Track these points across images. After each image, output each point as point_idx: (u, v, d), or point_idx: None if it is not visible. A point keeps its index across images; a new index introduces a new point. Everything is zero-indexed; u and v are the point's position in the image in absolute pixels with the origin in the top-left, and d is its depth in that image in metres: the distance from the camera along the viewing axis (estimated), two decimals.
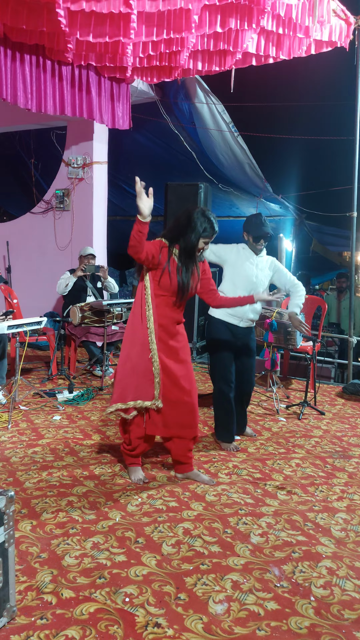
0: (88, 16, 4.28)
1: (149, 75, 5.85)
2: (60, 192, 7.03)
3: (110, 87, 5.94)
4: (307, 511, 2.88)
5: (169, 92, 7.01)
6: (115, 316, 5.53)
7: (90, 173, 6.82)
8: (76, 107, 5.62)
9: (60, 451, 3.56)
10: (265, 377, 5.74)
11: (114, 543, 2.46)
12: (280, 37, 5.03)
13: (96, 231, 6.96)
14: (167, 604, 2.05)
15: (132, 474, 3.17)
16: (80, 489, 3.00)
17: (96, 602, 2.04)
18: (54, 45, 4.97)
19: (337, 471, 3.45)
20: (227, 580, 2.22)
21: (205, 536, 2.56)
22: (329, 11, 4.79)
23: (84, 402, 4.71)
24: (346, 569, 2.34)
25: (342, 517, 2.83)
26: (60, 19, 4.20)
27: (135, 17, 4.22)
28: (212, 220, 3.00)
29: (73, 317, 5.42)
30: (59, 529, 2.56)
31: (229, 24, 4.50)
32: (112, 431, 4.00)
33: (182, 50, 5.02)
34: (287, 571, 2.31)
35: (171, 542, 2.49)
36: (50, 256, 7.25)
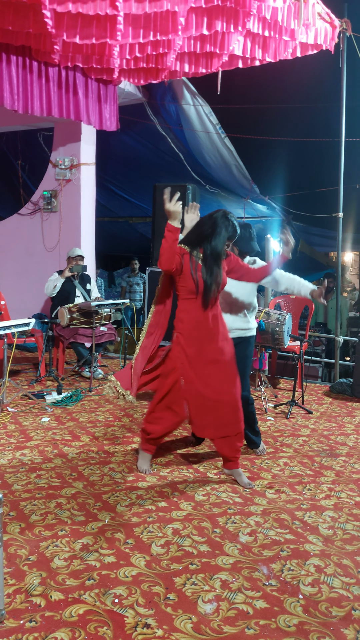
0: (74, 18, 4.29)
1: (136, 77, 5.86)
2: (48, 193, 7.02)
3: (97, 89, 5.94)
4: (295, 510, 2.90)
5: (156, 93, 7.03)
6: (103, 317, 5.53)
7: (78, 174, 6.81)
8: (63, 109, 5.62)
9: (49, 453, 3.56)
10: (254, 376, 5.77)
11: (103, 544, 2.47)
12: (266, 39, 5.07)
13: (84, 232, 6.95)
14: (157, 605, 2.06)
15: (141, 460, 3.32)
16: (69, 491, 3.00)
17: (85, 603, 2.05)
18: (40, 47, 4.96)
19: (325, 469, 3.48)
20: (216, 580, 2.23)
21: (195, 536, 2.57)
22: (314, 14, 4.84)
23: (72, 404, 4.70)
24: (334, 567, 2.37)
25: (330, 515, 2.86)
26: (46, 20, 4.20)
27: (121, 18, 4.23)
28: (234, 222, 3.06)
29: (61, 318, 5.41)
30: (48, 531, 2.56)
31: (215, 26, 4.53)
32: (101, 432, 4.00)
33: (169, 52, 5.04)
34: (275, 570, 2.33)
35: (160, 542, 2.50)
36: (38, 257, 7.22)
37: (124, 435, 3.97)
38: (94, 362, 5.54)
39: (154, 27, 4.48)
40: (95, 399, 4.93)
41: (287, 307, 6.22)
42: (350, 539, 2.62)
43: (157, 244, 6.80)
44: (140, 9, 4.12)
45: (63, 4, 3.99)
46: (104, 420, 4.32)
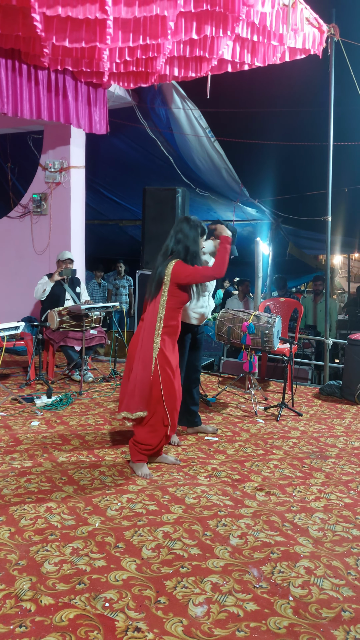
0: (64, 21, 4.29)
1: (126, 81, 5.88)
2: (38, 196, 7.00)
3: (87, 92, 5.95)
4: (286, 512, 2.91)
5: (146, 97, 7.05)
6: (93, 320, 5.52)
7: (68, 177, 6.80)
8: (53, 112, 5.62)
9: (39, 457, 3.54)
10: (244, 379, 5.78)
11: (93, 548, 2.46)
12: (255, 44, 5.10)
13: (74, 235, 6.94)
14: (147, 608, 2.06)
15: (139, 468, 3.36)
16: (59, 495, 2.99)
17: (76, 608, 2.04)
18: (30, 50, 4.95)
19: (315, 471, 3.50)
20: (206, 583, 2.23)
21: (185, 539, 2.57)
22: (302, 19, 4.88)
23: (62, 407, 4.68)
24: (324, 568, 2.38)
25: (320, 517, 2.87)
26: (35, 23, 4.20)
27: (111, 22, 4.24)
28: (197, 221, 3.36)
29: (51, 321, 5.39)
30: (38, 536, 2.55)
31: (204, 30, 4.55)
32: (91, 436, 3.99)
33: (159, 56, 5.06)
34: (266, 572, 2.33)
35: (151, 545, 2.50)
36: (27, 260, 7.20)
37: (115, 438, 3.96)
38: (84, 366, 5.53)
39: (143, 31, 4.49)
40: (86, 402, 4.92)
41: (276, 309, 6.25)
42: (339, 540, 2.63)
43: (147, 246, 6.81)
44: (130, 13, 4.13)
45: (52, 7, 3.99)
46: (94, 423, 4.31)
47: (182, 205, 6.64)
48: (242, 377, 5.87)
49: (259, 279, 6.88)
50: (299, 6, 4.75)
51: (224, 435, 4.17)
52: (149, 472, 3.33)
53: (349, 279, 14.16)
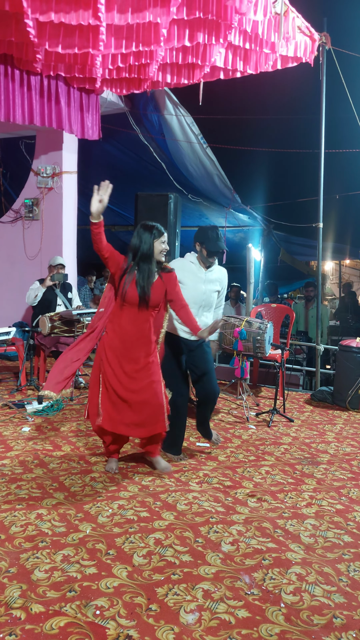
0: (57, 27, 4.30)
1: (119, 87, 5.89)
2: (30, 201, 6.98)
3: (79, 98, 5.96)
4: (277, 518, 2.91)
5: (139, 103, 7.07)
6: (85, 326, 5.50)
7: (60, 182, 6.80)
8: (45, 117, 5.62)
9: (30, 463, 3.52)
10: (235, 385, 5.79)
11: (84, 555, 2.44)
12: (247, 52, 5.14)
13: (66, 240, 6.93)
14: (139, 616, 2.04)
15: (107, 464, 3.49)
16: (50, 502, 2.97)
17: (66, 616, 2.02)
18: (22, 55, 4.96)
19: (306, 477, 3.50)
20: (198, 590, 2.22)
21: (177, 546, 2.56)
22: (294, 28, 4.93)
23: (53, 413, 4.66)
24: (315, 575, 2.38)
25: (311, 523, 2.87)
26: (28, 29, 4.21)
27: (104, 29, 4.26)
28: (154, 225, 3.24)
29: (42, 326, 5.37)
30: (28, 543, 2.53)
31: (197, 38, 4.58)
32: (82, 442, 3.97)
33: (151, 62, 5.08)
34: (257, 578, 2.33)
35: (142, 552, 2.49)
36: (19, 265, 7.17)
37: None
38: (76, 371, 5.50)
39: (136, 38, 4.51)
40: (77, 408, 4.89)
41: (268, 315, 6.27)
42: (331, 546, 2.63)
43: None
44: (123, 19, 4.14)
45: (45, 13, 4.00)
46: (85, 429, 4.28)
47: (174, 211, 6.66)
48: (233, 383, 5.87)
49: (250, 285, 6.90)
50: (290, 15, 4.79)
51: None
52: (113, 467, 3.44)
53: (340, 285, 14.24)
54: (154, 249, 3.17)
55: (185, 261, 3.73)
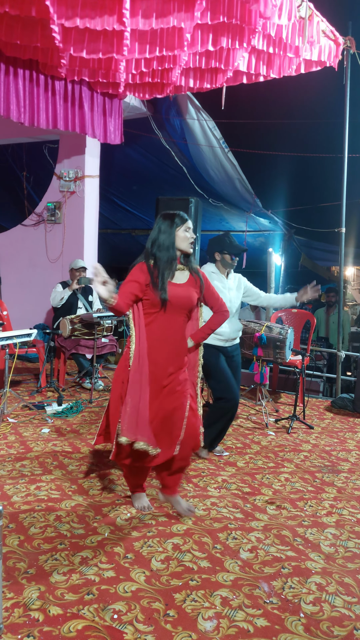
0: (82, 32, 4.34)
1: (141, 92, 5.92)
2: (52, 204, 7.06)
3: (102, 103, 6.00)
4: (297, 526, 2.87)
5: (161, 108, 7.10)
6: (105, 329, 5.53)
7: (82, 186, 6.85)
8: (69, 122, 5.67)
9: (49, 464, 3.53)
10: (255, 390, 5.75)
11: (102, 558, 2.44)
12: (271, 56, 5.12)
13: (87, 244, 6.98)
14: (156, 621, 2.03)
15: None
16: (69, 503, 2.97)
17: (84, 619, 2.02)
18: (47, 61, 5.02)
19: (326, 486, 3.46)
20: (216, 597, 2.20)
21: (195, 551, 2.55)
22: (318, 32, 4.89)
23: (73, 415, 4.68)
24: (335, 585, 2.34)
25: (332, 532, 2.83)
26: (54, 34, 4.25)
27: (128, 34, 4.28)
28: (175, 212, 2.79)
29: (63, 329, 5.41)
30: (47, 544, 2.54)
31: (220, 42, 4.57)
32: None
33: (174, 67, 5.10)
34: (276, 587, 2.30)
35: (160, 557, 2.48)
36: (41, 268, 7.24)
37: None
38: (95, 374, 5.53)
39: (160, 43, 4.53)
40: (96, 410, 4.91)
41: (288, 321, 6.22)
42: (352, 557, 2.59)
43: None
44: (147, 24, 4.16)
45: (71, 19, 4.04)
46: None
47: (194, 216, 6.65)
48: (253, 388, 5.83)
49: (271, 290, 6.86)
50: (315, 19, 4.76)
51: (234, 447, 4.13)
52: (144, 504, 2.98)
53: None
54: (177, 238, 2.73)
55: (207, 272, 3.77)
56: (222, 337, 3.78)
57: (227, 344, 3.83)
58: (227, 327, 3.76)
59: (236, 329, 3.88)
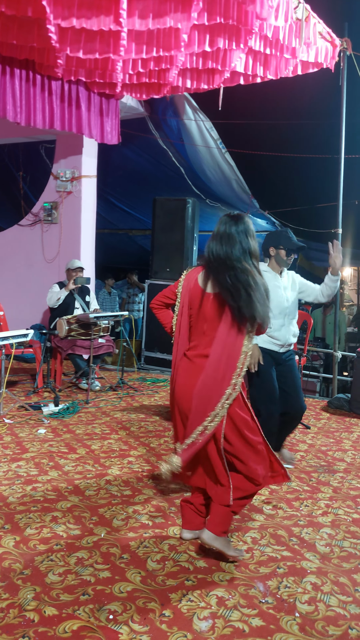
0: (78, 33, 4.34)
1: (138, 92, 5.93)
2: (49, 205, 7.05)
3: (99, 103, 6.00)
4: (293, 526, 2.88)
5: (158, 108, 7.10)
6: (102, 329, 5.53)
7: (79, 186, 6.85)
8: (65, 122, 5.67)
9: (45, 465, 3.53)
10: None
11: (98, 559, 2.44)
12: (268, 57, 5.13)
13: (84, 244, 6.97)
14: (152, 621, 2.03)
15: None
16: (65, 504, 2.97)
17: (79, 619, 2.02)
18: (44, 61, 5.02)
19: (322, 485, 3.46)
20: (212, 597, 2.20)
21: (191, 551, 2.55)
22: (315, 33, 4.90)
23: (69, 416, 4.68)
24: (331, 585, 2.34)
25: (327, 532, 2.83)
26: (50, 34, 4.25)
27: (125, 34, 4.28)
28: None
29: (59, 329, 5.41)
30: (43, 545, 2.53)
31: (217, 43, 4.58)
32: (98, 445, 3.97)
33: (171, 67, 5.10)
34: (272, 587, 2.30)
35: (156, 557, 2.48)
36: (37, 268, 7.24)
37: (121, 448, 3.95)
38: (92, 374, 5.53)
39: (156, 43, 4.53)
40: (92, 411, 4.91)
41: None
42: (347, 556, 2.60)
43: (156, 256, 6.84)
44: (144, 25, 4.17)
45: (67, 19, 4.04)
46: (100, 432, 4.29)
47: (192, 216, 6.67)
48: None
49: None
50: (312, 20, 4.77)
51: None
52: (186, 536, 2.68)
53: (358, 292, 14.09)
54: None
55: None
56: (279, 342, 3.51)
57: (282, 349, 3.56)
58: (283, 331, 3.51)
59: (293, 333, 3.58)
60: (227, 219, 2.47)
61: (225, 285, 2.34)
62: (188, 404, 2.40)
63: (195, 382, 2.39)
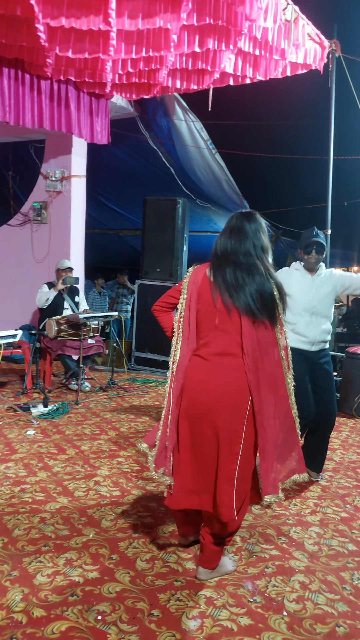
0: (68, 32, 4.33)
1: (128, 92, 5.92)
2: (38, 204, 7.02)
3: (89, 102, 5.99)
4: (281, 525, 2.89)
5: (148, 108, 7.10)
6: (91, 329, 5.51)
7: (69, 186, 6.83)
8: (55, 121, 5.65)
9: (34, 466, 3.52)
10: None
11: (87, 560, 2.43)
12: (257, 58, 5.15)
13: (74, 244, 6.95)
14: (140, 621, 2.03)
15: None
16: (54, 505, 2.96)
17: (68, 620, 2.02)
18: (33, 60, 5.00)
19: (311, 485, 3.48)
20: (200, 596, 2.21)
21: (180, 552, 2.55)
22: (304, 35, 4.93)
23: (59, 416, 4.66)
24: (319, 583, 2.36)
25: (315, 531, 2.85)
26: (39, 34, 4.24)
27: (114, 34, 4.28)
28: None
29: (49, 330, 5.39)
30: (32, 546, 2.52)
31: (207, 44, 4.59)
32: (87, 445, 3.96)
33: (161, 68, 5.10)
34: (260, 586, 2.31)
35: (146, 557, 2.48)
36: (27, 268, 7.20)
37: (110, 448, 3.94)
38: (82, 375, 5.52)
39: (146, 43, 4.54)
40: (82, 411, 4.90)
41: None
42: (335, 555, 2.61)
43: (146, 256, 6.84)
44: (133, 25, 4.16)
45: (56, 18, 4.02)
46: (90, 433, 4.28)
47: (182, 216, 6.68)
48: None
49: None
50: (300, 22, 4.80)
51: None
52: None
53: None
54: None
55: (290, 270, 3.52)
56: (307, 339, 3.39)
57: (312, 347, 3.42)
58: (311, 328, 3.39)
59: (322, 331, 3.43)
60: (239, 215, 2.43)
61: (223, 280, 2.28)
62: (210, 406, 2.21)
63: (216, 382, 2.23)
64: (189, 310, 2.35)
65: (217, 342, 2.28)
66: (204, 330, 2.32)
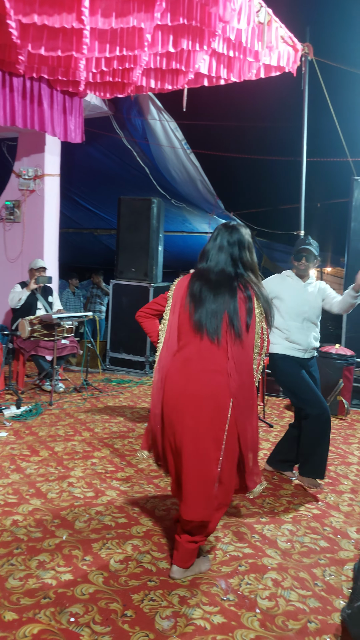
0: (40, 29, 4.28)
1: (102, 90, 5.88)
2: (11, 203, 6.92)
3: (62, 101, 5.93)
4: (255, 523, 2.91)
5: (122, 107, 7.07)
6: (65, 330, 5.47)
7: (42, 185, 6.75)
8: (27, 119, 5.58)
9: (6, 468, 3.47)
10: None
11: (60, 562, 2.41)
12: (231, 59, 5.17)
13: (47, 243, 6.88)
14: (114, 622, 2.02)
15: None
16: (26, 507, 2.93)
17: (40, 623, 2.00)
18: (5, 57, 4.92)
19: (284, 482, 3.52)
20: (174, 596, 2.21)
21: (154, 552, 2.55)
22: (277, 38, 4.97)
23: (32, 418, 4.61)
24: (291, 580, 2.38)
25: (288, 528, 2.88)
26: (11, 30, 4.18)
27: (87, 32, 4.25)
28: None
29: (22, 330, 5.32)
30: (3, 549, 2.49)
31: (181, 44, 4.59)
32: (61, 447, 3.93)
33: (135, 67, 5.08)
34: (233, 584, 2.33)
35: (119, 558, 2.47)
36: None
37: (84, 449, 3.92)
38: (55, 375, 5.46)
39: (120, 42, 4.51)
40: (56, 412, 4.85)
41: None
42: (307, 551, 2.65)
43: (121, 256, 6.81)
44: (107, 23, 4.14)
45: (28, 15, 3.97)
46: (64, 434, 4.25)
47: (157, 216, 6.67)
48: None
49: None
50: (274, 24, 4.84)
51: None
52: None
53: None
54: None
55: (282, 276, 3.61)
56: (300, 347, 3.47)
57: (305, 355, 3.50)
58: (302, 334, 3.46)
59: (313, 338, 3.52)
60: (221, 229, 2.45)
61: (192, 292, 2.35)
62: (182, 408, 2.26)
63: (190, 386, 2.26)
64: (173, 314, 2.44)
65: (193, 346, 2.33)
66: (184, 333, 2.38)
